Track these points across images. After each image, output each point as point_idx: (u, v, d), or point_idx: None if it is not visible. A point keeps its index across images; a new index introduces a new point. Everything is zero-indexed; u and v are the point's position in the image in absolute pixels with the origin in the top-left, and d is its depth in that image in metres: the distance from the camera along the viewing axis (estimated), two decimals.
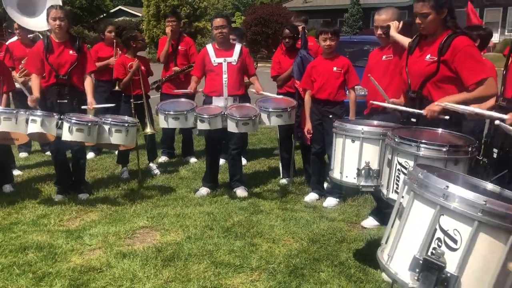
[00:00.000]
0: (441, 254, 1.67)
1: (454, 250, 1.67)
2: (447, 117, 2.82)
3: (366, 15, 27.21)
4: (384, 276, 3.05)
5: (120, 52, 5.99)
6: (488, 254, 1.65)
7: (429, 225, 1.72)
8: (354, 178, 3.07)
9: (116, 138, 4.23)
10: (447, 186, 1.69)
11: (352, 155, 3.06)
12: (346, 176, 3.13)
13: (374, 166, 2.99)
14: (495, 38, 24.16)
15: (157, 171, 5.60)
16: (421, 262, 1.70)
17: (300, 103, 4.68)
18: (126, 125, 4.25)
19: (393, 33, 3.63)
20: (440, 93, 2.93)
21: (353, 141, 3.07)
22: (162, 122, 4.41)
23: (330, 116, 4.30)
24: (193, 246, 3.56)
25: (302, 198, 4.71)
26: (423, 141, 2.46)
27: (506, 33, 27.00)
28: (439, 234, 1.71)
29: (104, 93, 6.03)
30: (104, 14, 36.37)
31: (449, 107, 2.76)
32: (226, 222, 4.05)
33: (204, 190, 4.85)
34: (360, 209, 4.42)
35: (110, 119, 4.24)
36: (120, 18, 33.32)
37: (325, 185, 4.82)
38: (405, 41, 3.48)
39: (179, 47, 5.95)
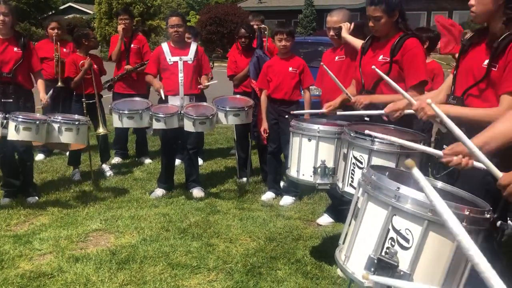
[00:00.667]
0: (394, 253, 1.71)
1: (406, 249, 1.71)
2: (367, 118, 2.92)
3: (319, 17, 27.64)
4: (339, 272, 3.11)
5: (65, 50, 5.80)
6: (438, 252, 1.70)
7: (383, 225, 1.76)
8: (311, 176, 3.11)
9: (66, 137, 4.07)
10: (398, 188, 1.74)
11: (309, 154, 3.11)
12: (303, 175, 3.17)
13: (330, 164, 3.04)
14: None
15: (110, 173, 5.46)
16: (375, 261, 1.73)
17: (256, 103, 4.70)
18: (77, 123, 4.11)
19: (344, 34, 3.72)
20: (392, 93, 3.01)
21: (309, 140, 3.12)
22: (117, 122, 4.30)
23: (286, 116, 4.35)
24: (148, 248, 3.50)
25: (259, 197, 4.72)
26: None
27: None
28: (392, 234, 1.75)
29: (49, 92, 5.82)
30: (53, 11, 35.05)
31: (374, 101, 2.93)
32: (183, 223, 4.01)
33: (159, 191, 4.77)
34: (315, 207, 4.49)
35: (59, 117, 4.09)
36: (70, 16, 32.26)
37: (282, 184, 4.86)
38: (356, 42, 3.56)
39: (132, 45, 5.82)
